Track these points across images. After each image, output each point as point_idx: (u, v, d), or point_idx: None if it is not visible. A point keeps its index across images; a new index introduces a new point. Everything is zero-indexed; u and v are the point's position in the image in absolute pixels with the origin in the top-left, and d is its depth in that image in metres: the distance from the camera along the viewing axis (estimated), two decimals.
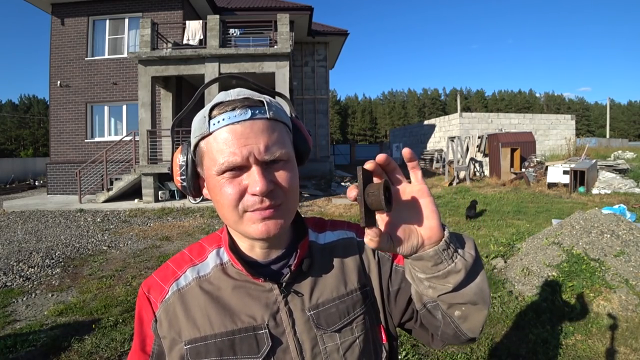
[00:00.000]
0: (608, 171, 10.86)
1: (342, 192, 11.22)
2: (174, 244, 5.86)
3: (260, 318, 0.59)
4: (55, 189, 11.96)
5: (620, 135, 49.54)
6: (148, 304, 0.63)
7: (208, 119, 0.55)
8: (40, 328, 3.13)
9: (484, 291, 0.54)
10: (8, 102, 47.31)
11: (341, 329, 0.61)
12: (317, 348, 0.60)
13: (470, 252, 0.52)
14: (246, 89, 0.61)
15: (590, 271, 3.35)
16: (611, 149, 18.89)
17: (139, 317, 0.64)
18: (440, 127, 18.36)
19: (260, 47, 10.35)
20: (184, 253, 0.68)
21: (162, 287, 0.63)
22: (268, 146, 0.54)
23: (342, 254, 0.67)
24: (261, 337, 0.58)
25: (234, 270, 0.62)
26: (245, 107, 0.54)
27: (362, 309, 0.64)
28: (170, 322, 0.60)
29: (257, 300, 0.60)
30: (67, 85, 12.00)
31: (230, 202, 0.54)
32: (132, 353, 0.64)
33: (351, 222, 0.74)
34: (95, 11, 12.06)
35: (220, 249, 0.66)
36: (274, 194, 0.54)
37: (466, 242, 0.53)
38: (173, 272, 0.64)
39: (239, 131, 0.53)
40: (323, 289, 0.63)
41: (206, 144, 0.56)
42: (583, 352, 2.55)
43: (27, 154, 35.06)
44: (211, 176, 0.56)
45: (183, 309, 0.61)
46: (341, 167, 21.49)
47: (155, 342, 0.62)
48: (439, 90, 65.14)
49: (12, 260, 5.06)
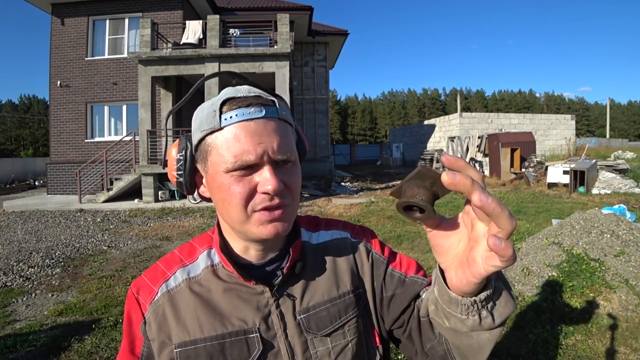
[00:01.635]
0: (608, 171, 10.86)
1: (342, 192, 11.22)
2: (174, 244, 5.85)
3: (251, 321, 0.58)
4: (55, 189, 11.96)
5: (620, 135, 49.53)
6: (137, 305, 0.61)
7: (219, 114, 0.53)
8: (40, 328, 3.13)
9: (480, 352, 0.51)
10: (8, 102, 47.24)
11: (332, 332, 0.60)
12: (308, 352, 0.58)
13: (493, 322, 0.47)
14: None
15: (590, 271, 3.35)
16: (611, 149, 18.90)
17: (128, 318, 0.62)
18: (440, 127, 18.37)
19: (260, 47, 10.34)
20: (174, 253, 0.66)
21: (151, 288, 0.61)
22: (281, 146, 0.53)
23: (336, 255, 0.65)
24: (252, 341, 0.57)
25: (225, 272, 0.61)
26: (260, 105, 0.53)
27: (354, 312, 0.62)
28: (160, 324, 0.59)
29: (248, 303, 0.59)
30: (67, 85, 12.00)
31: (239, 200, 0.53)
32: (120, 355, 0.62)
33: (347, 222, 0.73)
34: (95, 11, 12.06)
35: (211, 250, 0.64)
36: (283, 193, 0.54)
37: (502, 309, 0.47)
38: (162, 272, 0.62)
39: (253, 129, 0.52)
40: (314, 292, 0.61)
41: (215, 139, 0.54)
42: (583, 352, 2.55)
43: (27, 154, 35.07)
44: (218, 173, 0.54)
45: (172, 311, 0.59)
46: (341, 167, 21.51)
47: (145, 345, 0.60)
48: (439, 90, 65.11)
49: (12, 260, 5.06)
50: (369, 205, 8.67)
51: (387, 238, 5.73)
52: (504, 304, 0.47)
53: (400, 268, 0.66)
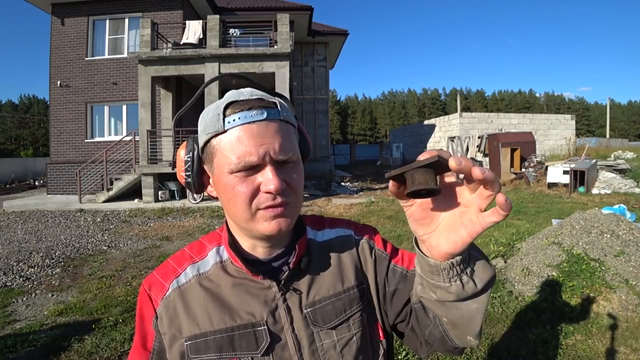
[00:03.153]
0: (608, 171, 10.86)
1: (342, 192, 11.22)
2: (174, 244, 5.86)
3: (259, 315, 0.60)
4: (55, 189, 11.96)
5: (620, 135, 49.51)
6: (149, 301, 0.64)
7: (222, 117, 0.55)
8: (40, 328, 3.13)
9: (472, 322, 0.53)
10: (8, 102, 47.27)
11: (337, 326, 0.62)
12: (315, 345, 0.60)
13: (475, 286, 0.49)
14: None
15: (590, 271, 3.35)
16: (611, 149, 18.88)
17: (140, 314, 0.65)
18: (440, 127, 18.37)
19: (260, 47, 10.35)
20: (184, 251, 0.68)
21: (163, 284, 0.64)
22: (282, 146, 0.55)
23: (340, 252, 0.68)
24: (260, 334, 0.59)
25: (234, 267, 0.63)
26: (262, 107, 0.55)
27: (359, 306, 0.65)
28: (171, 318, 0.61)
29: (256, 297, 0.61)
30: (67, 85, 12.00)
31: (244, 199, 0.55)
32: (133, 350, 0.65)
33: (350, 220, 0.76)
34: (95, 11, 12.06)
35: (220, 247, 0.67)
36: (285, 192, 0.56)
37: (481, 274, 0.50)
38: (173, 269, 0.65)
39: (255, 131, 0.54)
40: (320, 287, 0.64)
41: (219, 142, 0.56)
42: (583, 352, 2.55)
43: (27, 154, 35.06)
44: (223, 174, 0.56)
45: (183, 305, 0.61)
46: (341, 167, 21.51)
47: (156, 339, 0.63)
48: (439, 90, 65.17)
49: (12, 260, 5.06)
50: (369, 205, 8.67)
51: (387, 238, 5.70)
52: (482, 269, 0.51)
53: (402, 263, 0.69)
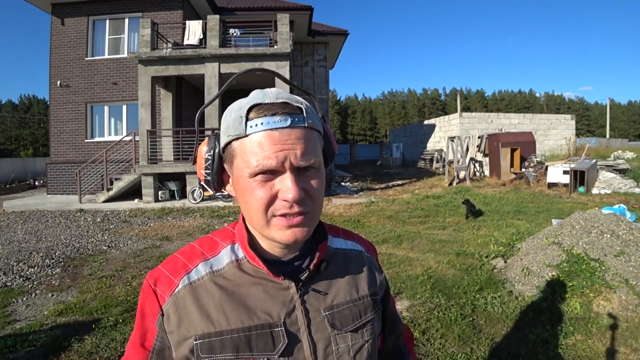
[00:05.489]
0: (608, 171, 10.86)
1: (342, 192, 11.22)
2: (174, 243, 5.86)
3: (276, 315, 0.59)
4: (55, 189, 11.96)
5: (620, 135, 49.51)
6: (154, 297, 0.60)
7: (245, 120, 0.54)
8: (40, 328, 3.12)
9: None
10: (8, 102, 47.25)
11: (353, 330, 0.63)
12: (330, 348, 0.61)
13: None
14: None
15: (590, 271, 3.35)
16: (611, 149, 18.89)
17: (142, 310, 0.62)
18: (440, 127, 18.36)
19: (260, 47, 10.35)
20: (194, 246, 0.66)
21: (172, 280, 0.61)
22: (304, 153, 0.54)
23: (354, 262, 0.70)
24: (277, 334, 0.58)
25: (250, 266, 0.62)
26: (286, 114, 0.54)
27: (372, 314, 0.67)
28: (180, 316, 0.59)
29: (274, 297, 0.60)
30: (67, 85, 12.00)
31: (260, 205, 0.54)
32: (130, 348, 0.62)
33: (362, 237, 0.78)
34: (95, 11, 12.06)
35: (234, 245, 0.65)
36: (304, 201, 0.55)
37: None
38: (184, 265, 0.63)
39: (277, 137, 0.53)
40: (337, 291, 0.64)
41: (240, 145, 0.55)
42: (583, 352, 2.55)
43: (27, 154, 35.08)
44: (242, 177, 0.56)
45: (195, 303, 0.59)
46: (341, 167, 21.50)
47: (158, 338, 0.60)
48: (439, 90, 65.11)
49: (12, 260, 5.06)
50: (369, 205, 8.67)
51: (387, 238, 5.72)
52: None
53: (390, 300, 0.79)
